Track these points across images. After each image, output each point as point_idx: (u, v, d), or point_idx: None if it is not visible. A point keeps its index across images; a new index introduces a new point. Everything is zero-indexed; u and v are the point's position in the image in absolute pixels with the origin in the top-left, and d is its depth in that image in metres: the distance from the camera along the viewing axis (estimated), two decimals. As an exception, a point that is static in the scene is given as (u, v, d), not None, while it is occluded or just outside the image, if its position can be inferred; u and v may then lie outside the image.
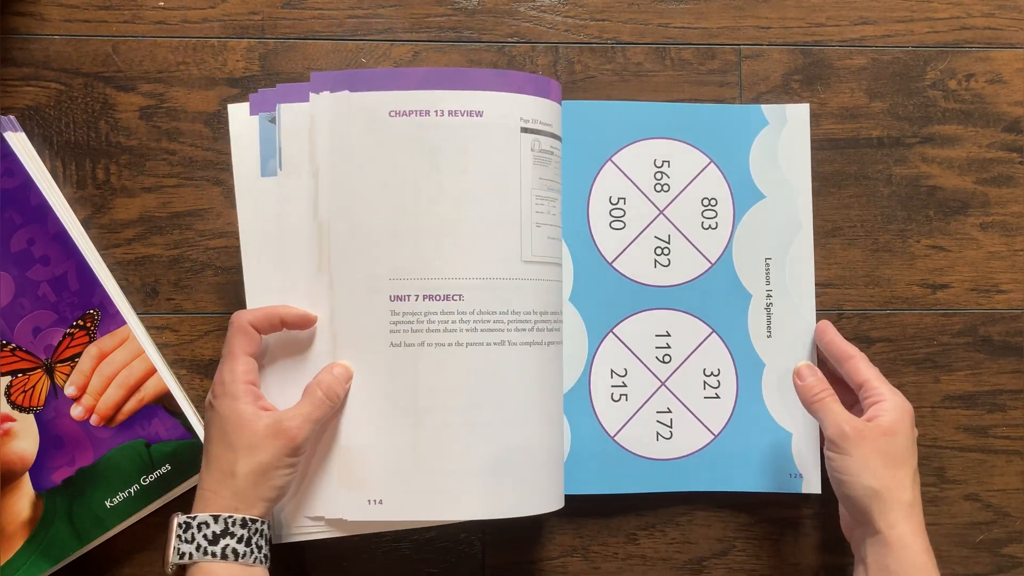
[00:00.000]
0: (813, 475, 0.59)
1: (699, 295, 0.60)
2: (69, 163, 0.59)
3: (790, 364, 0.59)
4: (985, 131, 0.62)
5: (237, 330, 0.51)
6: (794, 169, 0.60)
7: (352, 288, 0.52)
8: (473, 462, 0.52)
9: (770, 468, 0.59)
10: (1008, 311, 0.62)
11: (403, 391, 0.52)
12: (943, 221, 0.62)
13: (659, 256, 0.59)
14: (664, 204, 0.59)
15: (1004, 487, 0.62)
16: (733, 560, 0.61)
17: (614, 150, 0.59)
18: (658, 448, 0.59)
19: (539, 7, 0.61)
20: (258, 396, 0.51)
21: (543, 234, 0.54)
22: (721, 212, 0.60)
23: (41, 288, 0.55)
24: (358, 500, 0.52)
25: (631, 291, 0.60)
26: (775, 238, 0.60)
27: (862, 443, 0.51)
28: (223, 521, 0.48)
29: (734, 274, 0.60)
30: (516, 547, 0.60)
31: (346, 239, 0.52)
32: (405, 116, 0.52)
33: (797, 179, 0.60)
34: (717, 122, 0.60)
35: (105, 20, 0.59)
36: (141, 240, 0.59)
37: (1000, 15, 0.62)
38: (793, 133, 0.60)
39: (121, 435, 0.56)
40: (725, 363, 0.60)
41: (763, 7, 0.62)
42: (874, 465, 0.50)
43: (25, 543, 0.55)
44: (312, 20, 0.60)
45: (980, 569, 0.62)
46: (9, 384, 0.55)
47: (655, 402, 0.59)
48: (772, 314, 0.60)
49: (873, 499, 0.50)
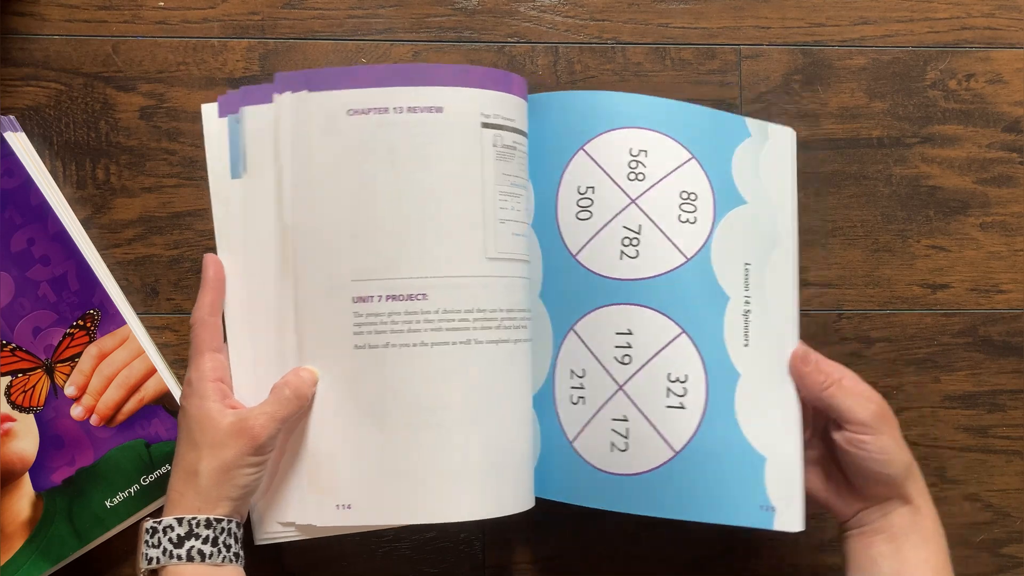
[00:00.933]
0: (788, 508, 0.51)
1: (669, 291, 0.53)
2: (69, 163, 0.59)
3: (769, 378, 0.53)
4: (985, 131, 0.62)
5: (197, 324, 0.51)
6: (776, 186, 0.56)
7: (315, 291, 0.52)
8: (442, 463, 0.51)
9: (737, 497, 0.52)
10: (1008, 311, 0.62)
11: (369, 394, 0.51)
12: (943, 221, 0.62)
13: (626, 247, 0.53)
14: (638, 193, 0.54)
15: (1004, 487, 0.62)
16: (733, 560, 0.61)
17: (587, 139, 0.55)
18: (612, 460, 0.53)
19: (539, 7, 0.61)
20: (226, 394, 0.50)
21: (508, 230, 0.53)
22: (701, 208, 0.54)
23: (41, 288, 0.55)
24: (327, 505, 0.51)
25: (593, 285, 0.54)
26: (755, 247, 0.54)
27: (889, 419, 0.51)
28: (187, 523, 0.47)
29: (712, 272, 0.53)
30: (516, 547, 0.60)
31: (308, 241, 0.52)
32: (364, 114, 0.51)
33: (779, 196, 0.56)
34: (699, 121, 0.55)
35: (105, 20, 0.59)
36: (141, 240, 0.59)
37: (1000, 15, 0.62)
38: (776, 151, 0.56)
39: (121, 435, 0.56)
40: (694, 369, 0.52)
41: (763, 7, 0.62)
42: (900, 439, 0.51)
43: (25, 543, 0.55)
44: (312, 20, 0.60)
45: (980, 569, 0.62)
46: (9, 384, 0.55)
47: (610, 408, 0.53)
48: (750, 321, 0.53)
49: (909, 472, 0.51)
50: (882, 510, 0.52)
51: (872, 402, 0.51)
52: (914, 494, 0.51)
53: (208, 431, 0.48)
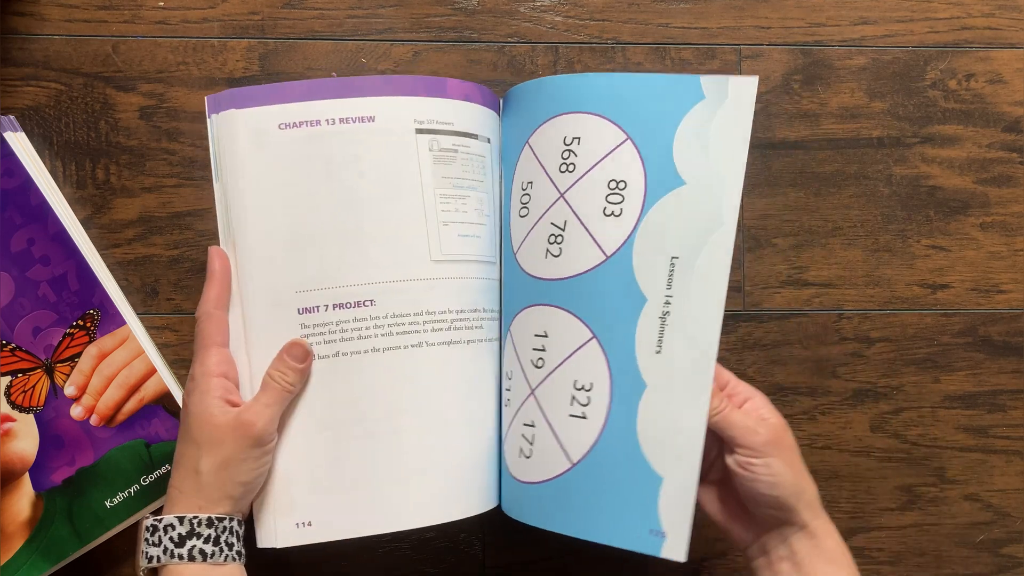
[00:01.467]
0: (677, 536, 0.48)
1: (586, 292, 0.50)
2: (69, 163, 0.59)
3: (678, 391, 0.49)
4: (985, 131, 0.62)
5: (203, 318, 0.51)
6: (726, 155, 0.50)
7: (259, 304, 0.51)
8: (398, 471, 0.51)
9: (628, 518, 0.49)
10: (1008, 311, 0.62)
11: (321, 405, 0.51)
12: (943, 221, 0.62)
13: (551, 245, 0.52)
14: (566, 186, 0.52)
15: (1004, 487, 0.62)
16: (733, 560, 0.61)
17: (531, 131, 0.54)
18: (519, 467, 0.52)
19: (539, 7, 0.61)
20: (230, 389, 0.50)
21: (453, 232, 0.53)
22: (629, 197, 0.50)
23: (41, 288, 0.55)
24: (287, 525, 0.51)
25: (526, 285, 0.53)
26: (688, 234, 0.50)
27: (779, 443, 0.49)
28: (188, 522, 0.47)
29: (631, 272, 0.50)
30: (516, 547, 0.60)
31: (248, 255, 0.52)
32: (296, 127, 0.51)
33: (728, 167, 0.50)
34: (643, 93, 0.51)
35: (105, 20, 0.59)
36: (141, 240, 0.59)
37: (1000, 15, 0.62)
38: (733, 112, 0.50)
39: (121, 435, 0.56)
40: (600, 377, 0.50)
41: (763, 7, 0.62)
42: (793, 461, 0.50)
43: (25, 543, 0.55)
44: (312, 20, 0.60)
45: (980, 569, 0.62)
46: (9, 384, 0.55)
47: (523, 412, 0.52)
48: (667, 325, 0.49)
49: (801, 495, 0.49)
50: (782, 536, 0.50)
51: (765, 427, 0.49)
52: (809, 519, 0.49)
53: (207, 429, 0.48)
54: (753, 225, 0.61)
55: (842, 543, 0.50)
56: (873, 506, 0.62)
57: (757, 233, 0.61)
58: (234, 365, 0.51)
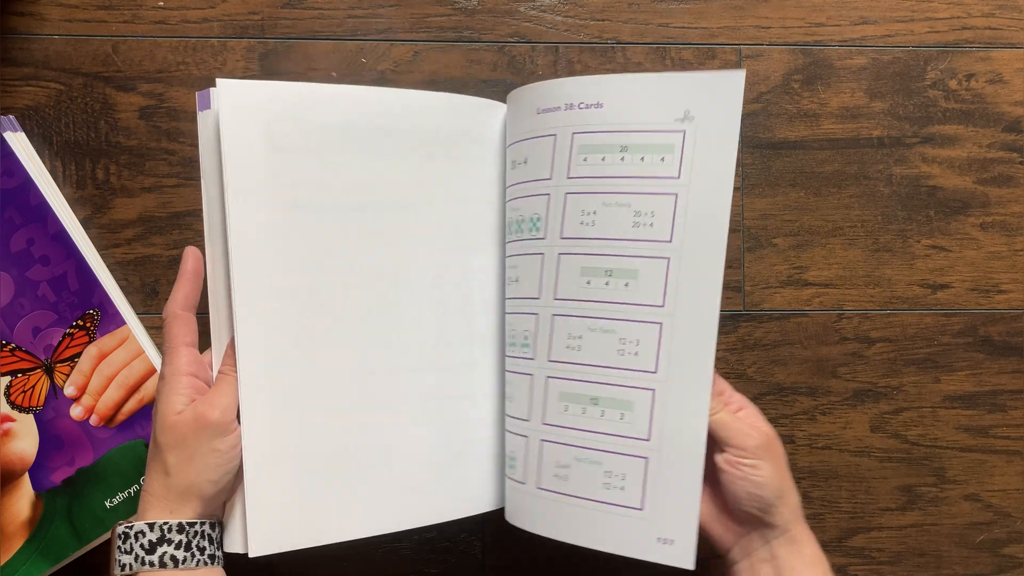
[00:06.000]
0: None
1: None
2: (69, 163, 0.59)
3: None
4: (985, 131, 0.62)
5: (169, 318, 0.50)
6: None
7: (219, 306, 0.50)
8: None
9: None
10: (1008, 311, 0.62)
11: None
12: (943, 221, 0.62)
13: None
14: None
15: (1004, 487, 0.62)
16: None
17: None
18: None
19: (539, 7, 0.61)
20: (200, 389, 0.49)
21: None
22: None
23: (41, 288, 0.55)
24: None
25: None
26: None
27: (770, 448, 0.50)
28: (159, 528, 0.47)
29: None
30: (516, 547, 0.60)
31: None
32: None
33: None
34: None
35: (105, 20, 0.59)
36: (141, 240, 0.59)
37: (1000, 15, 0.62)
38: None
39: (121, 435, 0.56)
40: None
41: (763, 7, 0.61)
42: (781, 468, 0.50)
43: (25, 543, 0.55)
44: (312, 20, 0.60)
45: (980, 569, 0.62)
46: (9, 384, 0.55)
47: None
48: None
49: (785, 498, 0.50)
50: (763, 539, 0.51)
51: (759, 433, 0.50)
52: (791, 524, 0.50)
53: (169, 430, 0.47)
54: (753, 225, 0.61)
55: (821, 552, 0.51)
56: (873, 506, 0.62)
57: (757, 233, 0.61)
58: (204, 365, 0.50)
